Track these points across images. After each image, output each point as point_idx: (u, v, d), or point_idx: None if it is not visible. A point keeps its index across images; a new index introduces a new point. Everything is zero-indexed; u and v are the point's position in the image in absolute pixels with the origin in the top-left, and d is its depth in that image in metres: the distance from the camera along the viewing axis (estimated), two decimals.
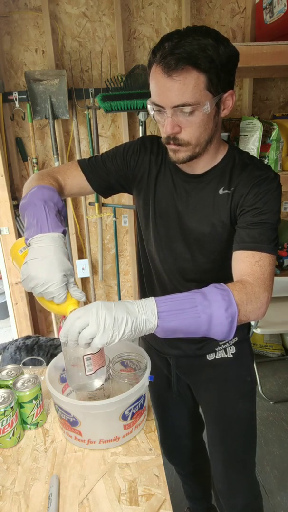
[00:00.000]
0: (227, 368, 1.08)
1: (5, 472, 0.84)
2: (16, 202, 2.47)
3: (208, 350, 1.07)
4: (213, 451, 1.15)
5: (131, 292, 2.85)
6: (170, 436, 1.32)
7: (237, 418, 1.09)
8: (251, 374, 1.10)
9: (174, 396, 1.22)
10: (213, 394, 1.11)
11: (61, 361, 1.02)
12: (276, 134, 2.00)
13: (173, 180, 0.97)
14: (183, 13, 2.28)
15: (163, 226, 0.99)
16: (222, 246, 0.95)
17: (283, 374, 2.44)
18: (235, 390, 1.08)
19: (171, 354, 1.12)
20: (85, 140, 2.47)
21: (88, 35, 2.31)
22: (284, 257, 2.49)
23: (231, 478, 1.14)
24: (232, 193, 0.89)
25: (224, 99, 0.83)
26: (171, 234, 0.99)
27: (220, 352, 1.08)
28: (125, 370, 0.99)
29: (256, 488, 1.18)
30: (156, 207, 1.00)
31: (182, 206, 0.96)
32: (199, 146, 0.85)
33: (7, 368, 1.02)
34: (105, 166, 1.02)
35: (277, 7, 1.94)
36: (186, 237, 0.97)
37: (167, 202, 0.98)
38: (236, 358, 1.08)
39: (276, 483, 1.69)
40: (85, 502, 0.76)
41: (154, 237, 1.02)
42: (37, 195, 0.85)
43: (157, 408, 1.27)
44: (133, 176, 1.02)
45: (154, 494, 0.77)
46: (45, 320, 2.86)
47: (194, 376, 1.14)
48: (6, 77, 2.32)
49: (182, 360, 1.12)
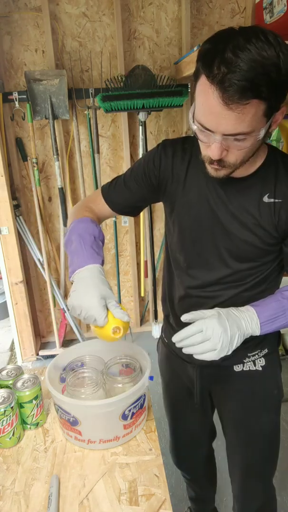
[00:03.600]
0: (255, 381, 1.02)
1: (5, 472, 0.84)
2: (16, 202, 2.48)
3: (235, 361, 1.01)
4: (231, 456, 1.13)
5: (131, 292, 2.85)
6: (182, 443, 1.27)
7: (260, 429, 1.05)
8: (278, 387, 1.05)
9: (192, 406, 1.14)
10: (237, 404, 1.06)
11: (61, 361, 1.02)
12: (276, 134, 2.00)
13: (206, 183, 0.89)
14: (183, 13, 2.28)
15: (196, 232, 0.93)
16: (259, 255, 0.90)
17: (283, 374, 2.44)
18: (261, 402, 1.04)
19: (195, 363, 1.03)
20: (85, 140, 2.47)
21: (88, 35, 2.31)
22: None
23: (248, 486, 1.12)
24: (280, 204, 0.83)
25: (276, 116, 0.74)
26: (203, 240, 0.93)
27: (248, 364, 1.01)
28: (125, 371, 0.98)
29: (271, 492, 1.16)
30: (185, 212, 0.94)
31: (221, 212, 0.89)
32: (243, 163, 0.79)
33: (7, 368, 1.02)
34: (127, 187, 1.00)
35: (277, 7, 1.94)
36: (222, 244, 0.91)
37: (199, 207, 0.91)
38: (265, 371, 1.02)
39: (276, 483, 1.68)
40: (85, 502, 0.76)
41: (182, 243, 0.97)
42: (74, 231, 0.92)
43: (172, 415, 1.23)
44: (159, 186, 0.97)
45: (154, 494, 0.77)
46: (45, 320, 2.86)
47: (218, 386, 1.08)
48: (6, 77, 2.32)
49: (207, 369, 1.05)
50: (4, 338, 3.05)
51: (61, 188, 2.42)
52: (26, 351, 2.65)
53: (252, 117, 0.68)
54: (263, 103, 0.67)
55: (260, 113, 0.68)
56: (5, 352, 2.86)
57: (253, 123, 0.69)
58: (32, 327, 2.62)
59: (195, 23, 2.34)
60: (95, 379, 0.94)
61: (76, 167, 2.51)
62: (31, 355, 2.64)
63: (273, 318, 0.83)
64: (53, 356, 1.17)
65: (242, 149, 0.74)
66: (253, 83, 0.63)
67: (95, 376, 0.95)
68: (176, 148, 0.94)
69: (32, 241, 2.55)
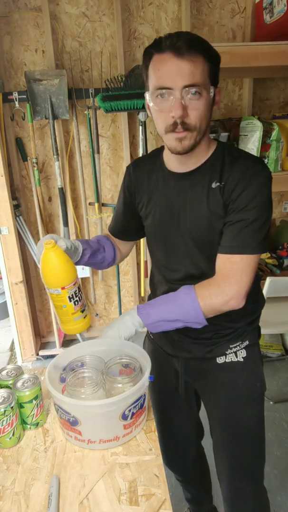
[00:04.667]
0: (237, 372, 1.06)
1: (5, 472, 0.84)
2: (16, 202, 2.48)
3: (218, 353, 1.06)
4: (218, 456, 1.13)
5: (131, 292, 2.85)
6: (170, 442, 1.29)
7: (245, 423, 1.07)
8: (260, 380, 1.08)
9: (178, 401, 1.19)
10: (221, 398, 1.08)
11: (61, 361, 1.02)
12: (276, 134, 2.00)
13: (166, 184, 1.00)
14: (183, 13, 2.28)
15: (163, 231, 1.02)
16: (217, 241, 0.95)
17: (283, 374, 2.44)
18: (244, 395, 1.06)
19: (179, 356, 1.10)
20: (85, 140, 2.47)
21: (88, 35, 2.31)
22: (284, 257, 2.49)
23: (236, 486, 1.11)
24: (223, 186, 0.91)
25: (216, 93, 0.88)
26: (173, 234, 1.00)
27: (230, 356, 1.06)
28: (125, 371, 0.98)
29: (263, 496, 1.15)
30: (152, 215, 1.03)
31: (180, 207, 0.97)
32: (200, 133, 0.88)
33: (7, 368, 1.02)
34: (117, 212, 1.16)
35: (277, 7, 1.94)
36: (185, 235, 0.98)
37: (161, 208, 1.01)
38: (246, 362, 1.06)
39: (276, 483, 1.69)
40: (85, 502, 0.76)
41: (157, 243, 1.06)
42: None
43: (158, 413, 1.24)
44: (134, 199, 1.09)
45: (154, 494, 0.77)
46: (45, 320, 2.86)
47: (202, 380, 1.12)
48: (6, 77, 2.32)
49: (191, 362, 1.10)
50: (4, 338, 3.05)
51: (61, 188, 2.42)
52: (26, 351, 2.65)
53: (201, 72, 0.82)
54: (207, 64, 0.83)
55: (206, 72, 0.83)
56: (5, 352, 2.86)
57: (203, 78, 0.82)
58: (32, 327, 2.63)
59: (195, 23, 2.34)
60: (95, 379, 0.94)
61: (76, 167, 2.51)
62: (31, 355, 2.64)
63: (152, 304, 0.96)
64: (53, 356, 1.16)
65: (198, 108, 0.84)
66: (197, 41, 0.82)
67: (95, 376, 0.95)
68: (140, 162, 1.09)
69: (32, 241, 2.55)
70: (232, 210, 0.90)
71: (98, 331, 2.91)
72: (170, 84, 0.82)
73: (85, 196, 2.55)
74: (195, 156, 0.93)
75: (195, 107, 0.83)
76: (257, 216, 0.88)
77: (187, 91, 0.81)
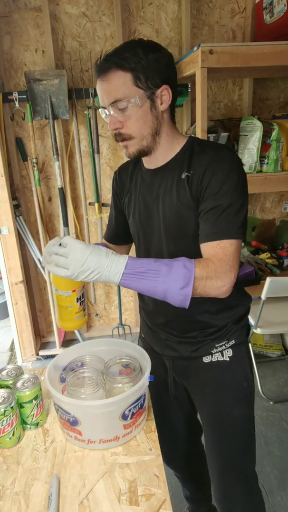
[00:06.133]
0: (223, 371, 1.07)
1: (5, 472, 0.84)
2: (16, 202, 2.48)
3: (204, 352, 1.06)
4: (209, 455, 1.14)
5: (132, 292, 2.85)
6: (166, 439, 1.28)
7: (233, 423, 1.07)
8: (247, 379, 1.08)
9: (171, 399, 1.20)
10: (209, 398, 1.09)
11: (61, 361, 1.02)
12: (276, 134, 2.00)
13: (143, 181, 1.04)
14: (183, 13, 2.28)
15: (142, 225, 1.05)
16: (190, 232, 0.94)
17: (283, 374, 2.44)
18: (231, 395, 1.06)
19: (167, 356, 1.12)
20: (85, 140, 2.47)
21: (88, 35, 2.31)
22: (284, 257, 2.49)
23: (227, 485, 1.11)
24: (192, 175, 0.92)
25: (159, 93, 0.90)
26: (150, 231, 1.03)
27: (216, 355, 1.06)
28: (125, 371, 0.98)
29: (256, 497, 1.14)
30: (133, 215, 1.07)
31: (153, 200, 1.00)
32: (144, 139, 0.93)
33: (7, 368, 1.02)
34: (110, 218, 1.21)
35: (277, 7, 1.94)
36: (160, 229, 0.99)
37: (139, 206, 1.05)
38: (233, 361, 1.06)
39: (276, 483, 1.69)
40: (85, 502, 0.76)
41: (138, 241, 1.09)
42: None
43: (154, 411, 1.26)
44: (121, 203, 1.14)
45: (154, 494, 0.77)
46: (45, 320, 2.86)
47: (190, 379, 1.12)
48: (6, 77, 2.32)
49: (178, 361, 1.11)
50: (4, 338, 3.05)
51: (61, 188, 2.43)
52: (26, 351, 2.65)
53: (122, 86, 0.86)
54: (129, 74, 0.86)
55: (128, 83, 0.87)
56: (5, 352, 2.86)
57: (125, 91, 0.87)
58: (32, 327, 2.63)
59: (195, 23, 2.34)
60: (95, 379, 0.94)
61: (76, 167, 2.51)
62: (31, 355, 2.64)
63: (140, 276, 0.81)
64: (53, 356, 1.17)
65: (129, 119, 0.89)
66: (115, 57, 0.86)
67: (95, 376, 0.96)
68: (124, 165, 1.13)
69: (32, 241, 2.55)
70: (205, 198, 0.89)
71: (99, 331, 2.91)
72: (102, 104, 0.91)
73: (85, 196, 2.55)
74: (160, 154, 0.97)
75: (126, 118, 0.90)
76: (231, 201, 0.87)
77: (115, 107, 0.88)
